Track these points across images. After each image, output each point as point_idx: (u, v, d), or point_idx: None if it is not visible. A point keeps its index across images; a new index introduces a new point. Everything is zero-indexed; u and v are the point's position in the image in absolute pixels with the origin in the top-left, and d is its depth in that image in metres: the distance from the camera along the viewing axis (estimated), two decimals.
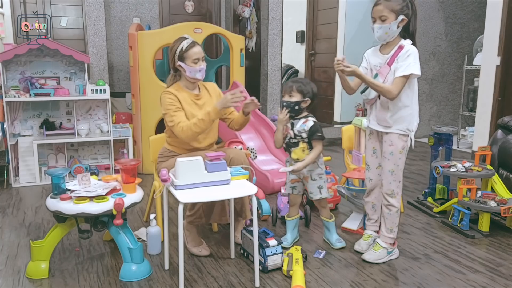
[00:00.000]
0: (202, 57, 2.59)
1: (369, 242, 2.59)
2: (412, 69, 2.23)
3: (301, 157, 2.52)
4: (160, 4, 5.82)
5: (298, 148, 2.53)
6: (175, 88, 2.61)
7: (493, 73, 4.76)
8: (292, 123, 2.53)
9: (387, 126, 2.38)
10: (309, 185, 2.59)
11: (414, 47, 2.28)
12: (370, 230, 2.64)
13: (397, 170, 2.41)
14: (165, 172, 2.14)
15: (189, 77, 2.59)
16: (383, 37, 2.29)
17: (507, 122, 3.48)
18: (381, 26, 2.25)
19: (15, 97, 3.78)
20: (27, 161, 3.97)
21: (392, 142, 2.38)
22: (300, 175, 2.60)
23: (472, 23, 6.20)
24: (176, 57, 2.57)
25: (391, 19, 2.23)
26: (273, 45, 5.36)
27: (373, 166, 2.53)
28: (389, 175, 2.42)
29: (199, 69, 2.57)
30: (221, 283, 2.27)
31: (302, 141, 2.51)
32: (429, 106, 6.25)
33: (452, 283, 2.28)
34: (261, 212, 3.05)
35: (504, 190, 3.03)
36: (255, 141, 4.25)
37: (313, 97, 2.52)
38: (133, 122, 4.49)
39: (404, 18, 2.24)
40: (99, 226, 2.31)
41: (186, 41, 2.57)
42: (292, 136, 2.53)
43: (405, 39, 2.32)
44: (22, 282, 2.28)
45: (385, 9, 2.23)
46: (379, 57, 2.36)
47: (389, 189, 2.44)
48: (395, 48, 2.29)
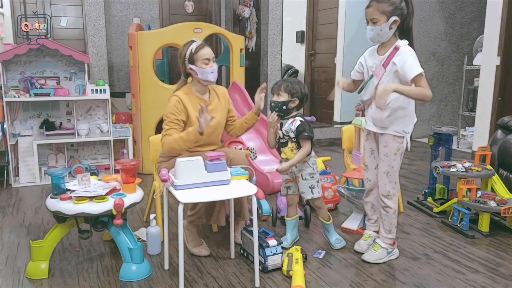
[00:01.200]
0: (212, 58, 2.54)
1: (369, 242, 2.59)
2: (418, 68, 2.20)
3: (290, 156, 2.52)
4: (160, 4, 5.82)
5: (287, 148, 2.53)
6: (185, 92, 2.56)
7: (493, 73, 4.76)
8: (281, 123, 2.54)
9: (383, 127, 2.36)
10: (300, 185, 2.59)
11: (409, 48, 2.26)
12: (370, 230, 2.64)
13: (392, 172, 2.40)
14: (165, 172, 2.14)
15: (201, 80, 2.54)
16: (375, 38, 2.28)
17: (507, 122, 3.48)
18: (373, 28, 2.24)
19: (15, 97, 3.78)
20: (27, 161, 3.97)
21: (386, 143, 2.37)
22: (291, 175, 2.60)
23: (472, 23, 6.20)
24: (187, 61, 2.53)
25: (382, 21, 2.21)
26: (273, 45, 5.36)
27: (372, 166, 2.53)
28: (384, 176, 2.41)
29: (211, 71, 2.52)
30: (221, 283, 2.27)
31: (290, 141, 2.52)
32: (429, 106, 6.25)
33: (452, 283, 2.28)
34: (261, 212, 3.05)
35: (504, 190, 3.03)
36: (255, 141, 4.25)
37: (302, 97, 2.50)
38: (133, 122, 4.49)
39: (397, 19, 2.21)
40: (99, 226, 2.31)
41: (195, 44, 2.54)
42: (280, 136, 2.54)
43: (402, 39, 2.30)
44: (22, 282, 2.28)
45: (375, 11, 2.21)
46: (376, 58, 2.35)
47: (384, 190, 2.43)
48: (390, 49, 2.28)
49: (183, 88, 2.59)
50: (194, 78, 2.58)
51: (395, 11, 2.20)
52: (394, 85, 2.22)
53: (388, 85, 2.21)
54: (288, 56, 6.17)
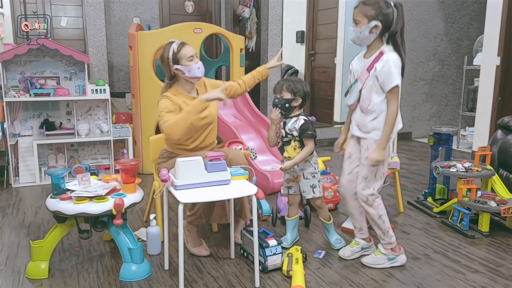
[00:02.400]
0: (195, 54, 2.55)
1: (355, 250, 2.53)
2: (396, 80, 2.17)
3: (292, 155, 2.52)
4: (160, 4, 5.82)
5: (289, 147, 2.53)
6: (173, 93, 2.55)
7: (493, 73, 4.76)
8: (284, 122, 2.54)
9: (366, 132, 2.31)
10: (301, 184, 2.59)
11: (394, 54, 2.20)
12: (358, 238, 2.57)
13: (371, 177, 2.32)
14: (165, 172, 2.14)
15: (190, 78, 2.54)
16: (356, 40, 2.25)
17: (507, 122, 3.48)
18: (354, 29, 2.22)
19: (15, 97, 3.78)
20: (27, 161, 3.97)
21: (368, 147, 2.31)
22: (293, 174, 2.61)
23: (472, 23, 6.20)
24: (171, 62, 2.51)
25: (362, 23, 2.18)
26: (273, 45, 5.36)
27: (346, 171, 2.46)
28: (362, 181, 2.34)
29: (197, 66, 2.52)
30: (221, 283, 2.27)
31: (293, 139, 2.52)
32: (429, 106, 6.25)
33: (452, 283, 2.28)
34: (261, 212, 3.05)
35: (504, 190, 3.03)
36: (255, 141, 4.25)
37: (304, 96, 2.51)
38: (133, 122, 4.49)
39: (378, 24, 2.16)
40: (99, 226, 2.31)
41: (175, 44, 2.54)
42: (283, 134, 2.54)
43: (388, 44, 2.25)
44: (22, 282, 2.28)
45: (359, 13, 2.19)
46: (362, 61, 2.31)
47: (363, 195, 2.35)
48: (375, 54, 2.23)
49: (170, 90, 2.57)
50: (181, 79, 2.57)
51: (378, 16, 2.16)
52: (378, 151, 2.23)
53: (374, 155, 2.23)
54: (288, 56, 6.17)
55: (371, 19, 2.16)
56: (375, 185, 2.34)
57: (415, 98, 6.11)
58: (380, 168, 2.31)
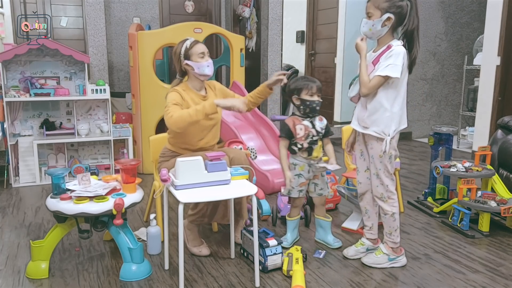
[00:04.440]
0: (207, 53, 2.58)
1: (359, 250, 2.53)
2: (388, 70, 2.15)
3: (319, 154, 2.58)
4: (160, 4, 5.82)
5: (318, 146, 2.57)
6: (183, 88, 2.58)
7: (493, 73, 4.76)
8: (311, 122, 2.55)
9: (365, 127, 2.32)
10: (320, 181, 2.64)
11: (401, 48, 2.19)
12: (365, 238, 2.56)
13: (381, 174, 2.34)
14: (165, 172, 2.14)
15: (198, 74, 2.56)
16: (367, 33, 2.24)
17: (507, 122, 3.48)
18: (367, 22, 2.22)
19: (15, 97, 3.78)
20: (27, 161, 3.97)
21: (372, 145, 2.33)
22: (315, 173, 2.62)
23: (472, 23, 6.20)
24: (182, 57, 2.56)
25: (375, 16, 2.18)
26: (273, 45, 5.36)
27: (362, 169, 2.48)
28: (374, 178, 2.38)
29: (207, 64, 2.55)
30: (221, 283, 2.27)
31: (319, 138, 2.57)
32: (429, 106, 6.25)
33: (452, 283, 2.28)
34: (261, 212, 3.05)
35: (504, 190, 3.03)
36: (255, 141, 4.25)
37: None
38: (133, 122, 4.49)
39: (391, 16, 2.16)
40: (99, 226, 2.31)
41: (189, 41, 2.58)
42: (314, 134, 2.54)
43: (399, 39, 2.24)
44: (22, 282, 2.28)
45: (371, 5, 2.19)
46: (371, 55, 2.31)
47: (377, 192, 2.38)
48: (383, 48, 2.24)
49: (180, 85, 2.60)
50: (191, 75, 2.60)
51: (391, 8, 2.15)
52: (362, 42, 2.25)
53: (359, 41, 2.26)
54: (288, 56, 6.16)
55: (384, 11, 2.16)
56: (384, 180, 2.34)
57: (415, 98, 6.11)
58: (384, 162, 2.31)
